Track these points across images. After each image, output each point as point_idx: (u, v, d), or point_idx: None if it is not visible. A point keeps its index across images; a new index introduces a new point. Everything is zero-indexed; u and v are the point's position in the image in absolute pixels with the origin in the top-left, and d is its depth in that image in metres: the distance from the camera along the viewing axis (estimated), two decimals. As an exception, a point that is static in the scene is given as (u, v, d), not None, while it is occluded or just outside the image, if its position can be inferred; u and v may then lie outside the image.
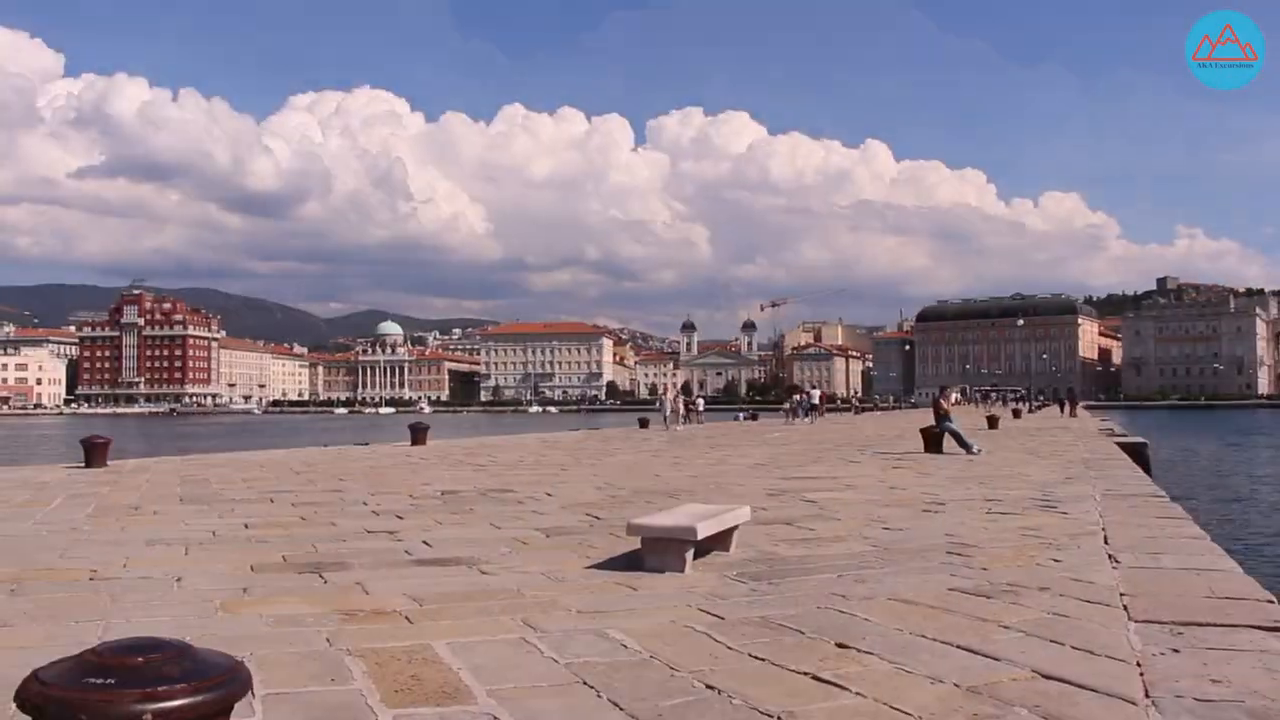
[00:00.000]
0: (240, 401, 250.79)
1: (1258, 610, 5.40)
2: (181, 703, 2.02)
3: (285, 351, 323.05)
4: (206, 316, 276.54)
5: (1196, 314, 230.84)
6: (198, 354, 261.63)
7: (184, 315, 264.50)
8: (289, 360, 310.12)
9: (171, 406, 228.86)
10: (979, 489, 13.24)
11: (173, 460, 21.00)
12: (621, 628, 5.21)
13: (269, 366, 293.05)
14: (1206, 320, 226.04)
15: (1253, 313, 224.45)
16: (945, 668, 4.41)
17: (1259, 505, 31.26)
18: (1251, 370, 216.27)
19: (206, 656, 2.18)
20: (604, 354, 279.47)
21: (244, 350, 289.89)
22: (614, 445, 28.31)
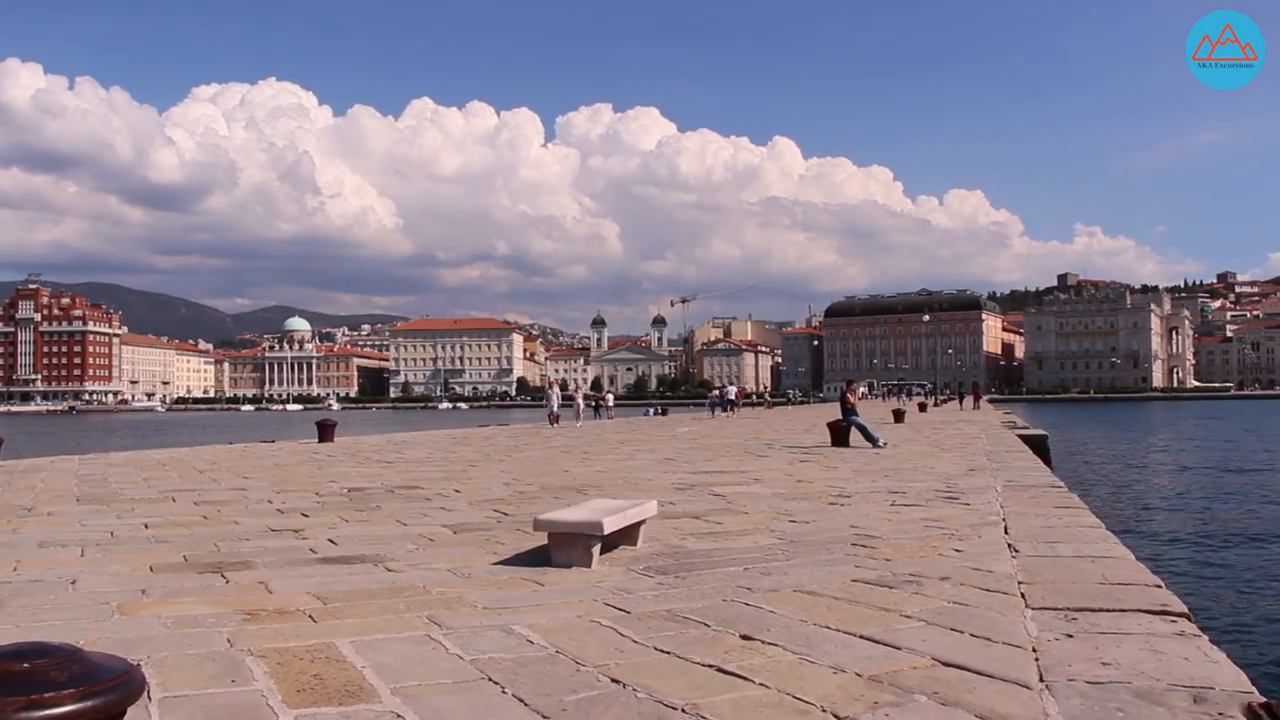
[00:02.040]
0: (143, 399, 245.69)
1: (1146, 595, 5.56)
2: (68, 709, 1.95)
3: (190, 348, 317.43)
4: (107, 312, 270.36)
5: (1095, 310, 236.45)
6: (98, 351, 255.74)
7: (83, 311, 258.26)
8: (194, 357, 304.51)
9: (70, 405, 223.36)
10: (884, 481, 13.43)
11: (70, 459, 20.47)
12: (527, 623, 5.20)
13: (173, 363, 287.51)
14: (1104, 316, 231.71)
15: (1148, 308, 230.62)
16: (848, 657, 4.46)
17: (1151, 494, 32.15)
18: (1147, 364, 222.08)
19: (97, 660, 2.12)
20: (514, 350, 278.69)
21: (147, 347, 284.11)
22: (524, 441, 28.21)
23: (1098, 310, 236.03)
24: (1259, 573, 18.06)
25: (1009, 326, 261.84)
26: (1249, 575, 17.83)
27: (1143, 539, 21.07)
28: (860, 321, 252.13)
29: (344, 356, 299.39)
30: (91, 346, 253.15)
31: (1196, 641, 4.62)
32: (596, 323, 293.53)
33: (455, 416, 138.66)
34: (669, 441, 26.71)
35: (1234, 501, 29.16)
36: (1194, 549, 20.85)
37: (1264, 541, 21.63)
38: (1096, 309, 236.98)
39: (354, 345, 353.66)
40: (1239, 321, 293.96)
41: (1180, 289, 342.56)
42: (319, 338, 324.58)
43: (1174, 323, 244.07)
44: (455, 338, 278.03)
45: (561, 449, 23.72)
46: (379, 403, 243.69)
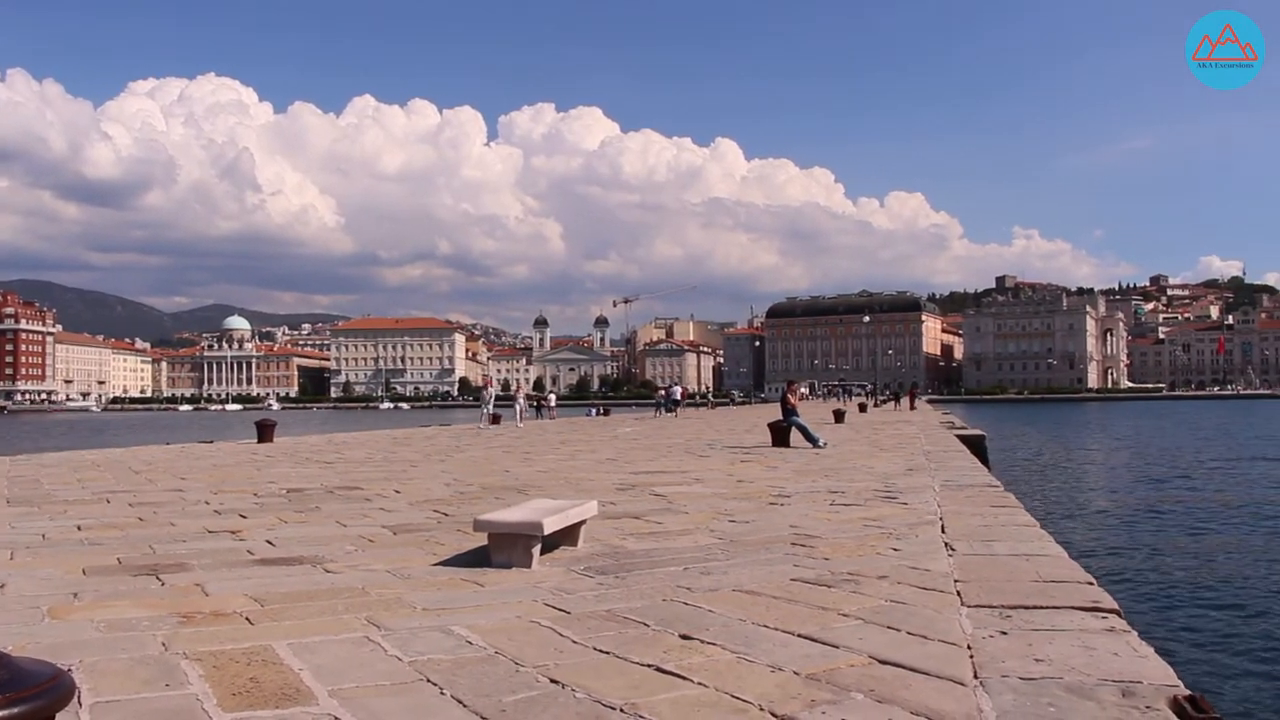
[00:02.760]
0: (78, 399, 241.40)
1: (1078, 592, 5.65)
2: (-7, 716, 1.92)
3: (126, 347, 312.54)
4: (41, 310, 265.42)
5: (1032, 312, 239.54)
6: (31, 349, 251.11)
7: (15, 309, 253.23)
8: (130, 356, 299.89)
9: (1, 405, 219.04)
10: (824, 481, 13.52)
11: (0, 460, 20.12)
12: (467, 624, 5.18)
13: (109, 362, 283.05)
14: (1041, 318, 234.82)
15: (1083, 311, 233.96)
16: (786, 656, 4.49)
17: (1085, 492, 32.66)
18: (1082, 365, 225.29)
19: (25, 665, 2.08)
20: (457, 350, 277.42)
21: (82, 345, 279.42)
22: (465, 441, 28.10)
23: (1035, 312, 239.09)
24: (1187, 569, 18.40)
25: (948, 328, 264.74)
26: (1178, 571, 18.16)
27: (1077, 537, 21.41)
28: (801, 322, 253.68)
29: (284, 356, 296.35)
30: (24, 345, 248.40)
31: (1126, 637, 4.72)
32: (539, 323, 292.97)
33: (397, 417, 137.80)
34: (610, 442, 26.72)
35: (1164, 500, 29.67)
36: (1125, 546, 21.21)
37: (1192, 539, 22.05)
38: (1034, 311, 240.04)
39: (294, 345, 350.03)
40: (1170, 324, 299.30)
41: (1115, 292, 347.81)
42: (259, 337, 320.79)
43: (1109, 325, 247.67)
44: (397, 337, 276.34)
45: (503, 449, 23.65)
46: (320, 403, 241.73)
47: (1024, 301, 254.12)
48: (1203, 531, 23.12)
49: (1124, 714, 3.66)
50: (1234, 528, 23.65)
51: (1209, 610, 15.22)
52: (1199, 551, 20.41)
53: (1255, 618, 14.68)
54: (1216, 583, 17.24)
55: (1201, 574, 17.97)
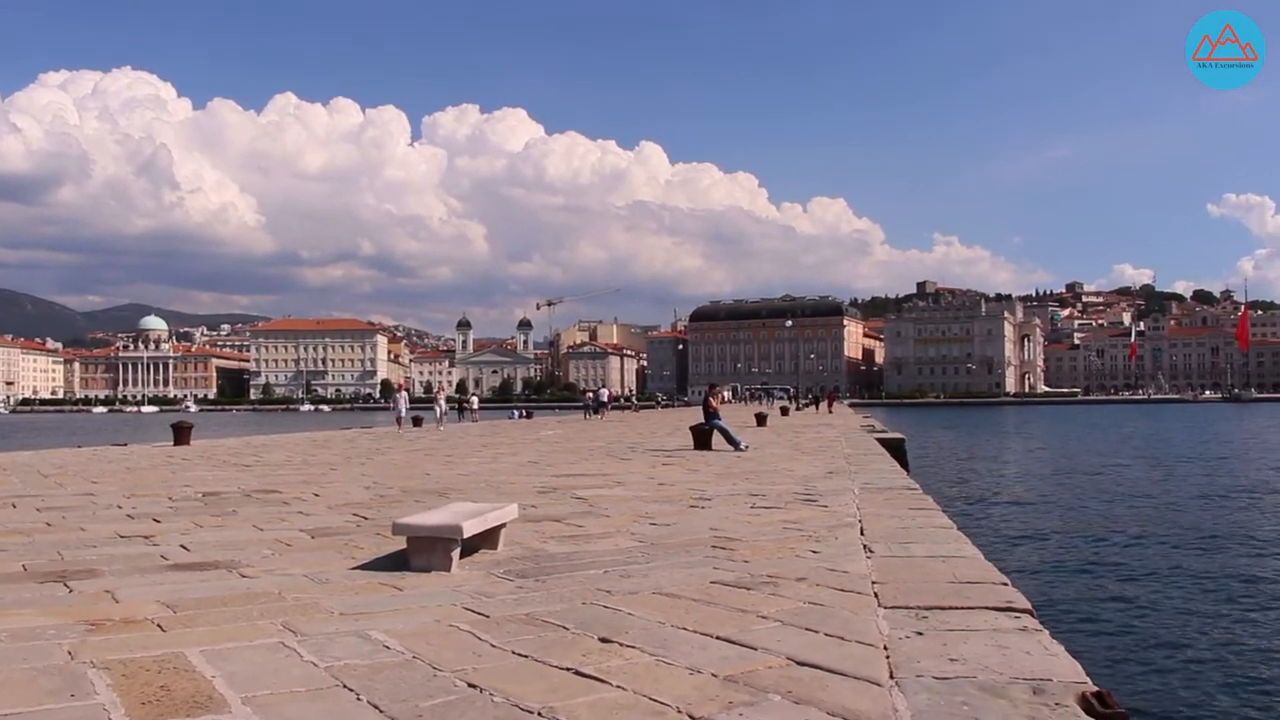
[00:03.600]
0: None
1: (993, 592, 5.74)
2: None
3: (37, 346, 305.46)
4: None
5: (952, 317, 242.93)
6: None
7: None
8: (41, 356, 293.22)
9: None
10: (745, 484, 13.58)
11: (-96, 464, 19.57)
12: (385, 629, 5.13)
13: (18, 362, 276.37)
14: (961, 323, 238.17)
15: (1001, 316, 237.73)
16: (704, 658, 4.50)
17: (1001, 494, 33.19)
18: (1000, 370, 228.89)
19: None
20: (379, 351, 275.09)
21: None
22: (386, 444, 27.87)
23: (954, 318, 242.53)
24: (1098, 568, 18.80)
25: (869, 332, 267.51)
26: (1090, 570, 18.54)
27: (993, 538, 21.75)
28: (725, 326, 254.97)
29: (202, 357, 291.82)
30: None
31: (1038, 636, 4.79)
32: (462, 325, 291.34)
33: (317, 419, 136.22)
34: (533, 444, 26.64)
35: (1077, 501, 30.26)
36: (1040, 546, 21.60)
37: (1103, 539, 22.50)
38: (953, 316, 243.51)
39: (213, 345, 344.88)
40: (1085, 330, 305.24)
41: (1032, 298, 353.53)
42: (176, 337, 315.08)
43: (1026, 330, 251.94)
44: (318, 339, 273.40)
45: (424, 452, 23.49)
46: (239, 405, 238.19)
47: (944, 307, 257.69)
48: (1113, 531, 23.61)
49: (1035, 711, 3.73)
50: (1141, 528, 24.18)
51: (1118, 607, 15.56)
52: (1109, 551, 20.84)
53: (1159, 614, 15.05)
54: (1125, 581, 17.62)
55: (1111, 573, 18.35)
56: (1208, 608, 15.56)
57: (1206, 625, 14.41)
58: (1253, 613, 15.20)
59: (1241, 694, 11.32)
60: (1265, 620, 14.75)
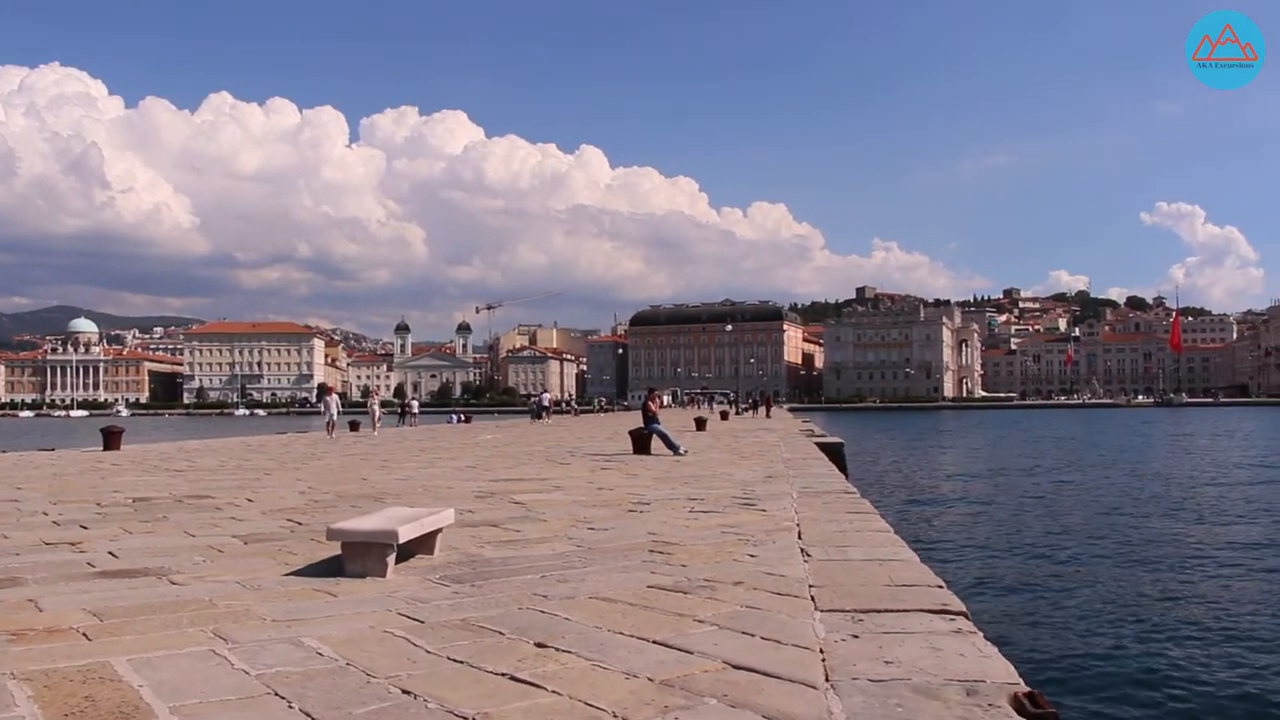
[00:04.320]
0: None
1: (928, 595, 5.79)
2: None
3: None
4: None
5: (891, 322, 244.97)
6: None
7: None
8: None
9: None
10: (683, 489, 13.60)
11: None
12: (318, 635, 5.07)
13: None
14: (899, 328, 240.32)
15: (939, 322, 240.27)
16: (641, 663, 4.50)
17: (938, 497, 33.52)
18: (938, 375, 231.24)
19: None
20: (315, 355, 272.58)
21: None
22: (321, 449, 27.61)
23: (893, 323, 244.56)
24: (1033, 569, 19.03)
25: (809, 337, 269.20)
26: (1023, 572, 18.76)
27: (930, 541, 21.95)
28: (665, 330, 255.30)
29: (134, 360, 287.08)
30: None
31: (972, 638, 4.84)
32: (400, 328, 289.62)
33: (252, 423, 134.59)
34: (471, 449, 26.52)
35: (1012, 504, 30.62)
36: (976, 549, 21.82)
37: (1038, 541, 22.78)
38: (892, 321, 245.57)
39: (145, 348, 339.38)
40: (1022, 335, 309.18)
41: (970, 303, 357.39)
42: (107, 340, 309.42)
43: (964, 335, 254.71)
44: (253, 342, 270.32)
45: (360, 456, 23.29)
46: (172, 409, 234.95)
47: (883, 312, 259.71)
48: (1047, 534, 23.91)
49: (968, 712, 3.77)
50: (1075, 531, 24.50)
51: (1051, 608, 15.77)
52: (1044, 553, 21.10)
53: (1091, 614, 15.27)
54: (1059, 582, 17.85)
55: (1045, 575, 18.58)
56: (1138, 608, 15.80)
57: (1137, 625, 14.63)
58: (1182, 612, 15.45)
59: (1169, 691, 11.50)
60: (1193, 618, 14.99)
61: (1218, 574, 18.67)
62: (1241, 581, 17.97)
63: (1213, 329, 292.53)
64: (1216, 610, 15.68)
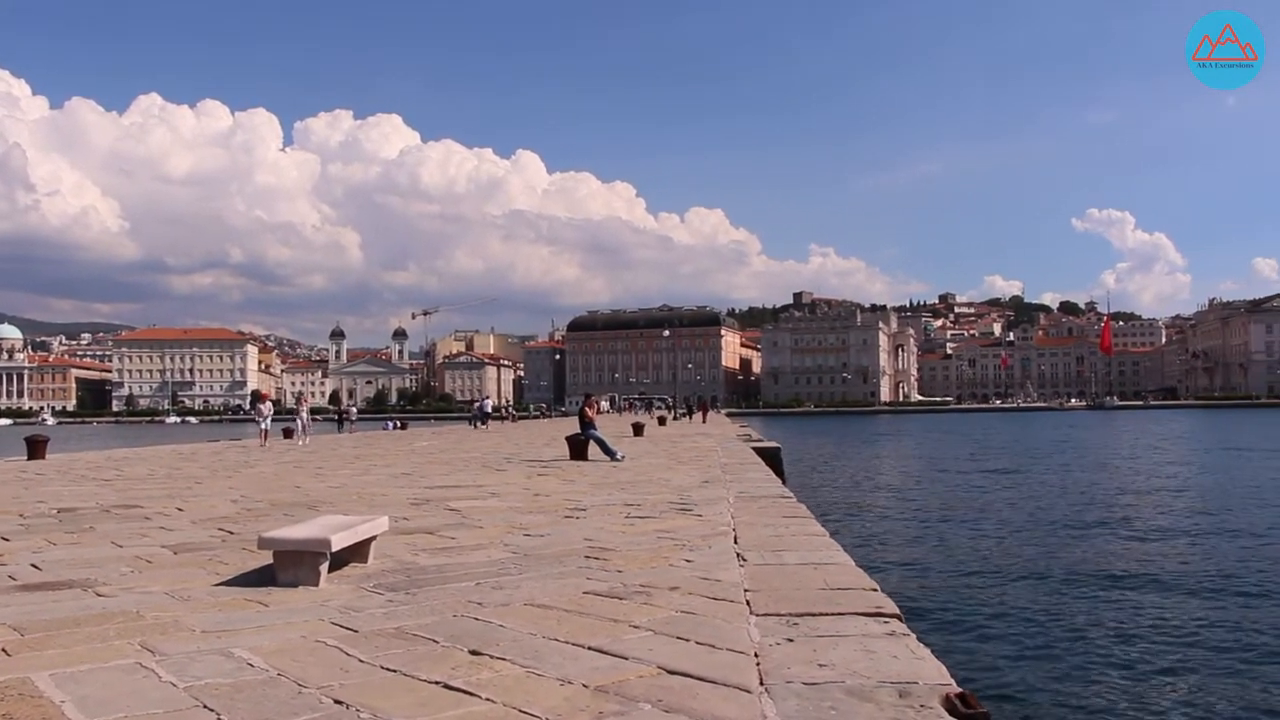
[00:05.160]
0: None
1: (863, 598, 5.83)
2: None
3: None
4: None
5: (828, 327, 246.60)
6: None
7: None
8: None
9: None
10: (620, 494, 13.59)
11: None
12: (249, 646, 5.01)
13: None
14: (837, 333, 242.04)
15: (876, 327, 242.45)
16: (576, 669, 4.49)
17: (873, 501, 33.78)
18: (875, 379, 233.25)
19: None
20: (249, 361, 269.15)
21: None
22: (255, 456, 27.27)
23: (830, 328, 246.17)
24: (965, 571, 19.23)
25: (747, 342, 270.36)
26: (957, 574, 18.96)
27: (865, 544, 22.11)
28: (602, 336, 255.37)
29: (61, 367, 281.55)
30: None
31: (905, 640, 4.89)
32: (335, 334, 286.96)
33: (184, 431, 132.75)
34: (407, 456, 26.33)
35: (947, 507, 30.93)
36: (910, 551, 22.02)
37: (970, 542, 23.05)
38: (829, 326, 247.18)
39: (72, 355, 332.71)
40: (957, 340, 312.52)
41: (906, 308, 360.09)
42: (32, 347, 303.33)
43: (900, 340, 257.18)
44: (185, 348, 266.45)
45: (294, 464, 23.04)
46: (100, 417, 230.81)
47: (820, 317, 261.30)
48: (981, 535, 24.18)
49: (900, 713, 3.80)
50: (1008, 532, 24.81)
51: (985, 609, 15.94)
52: (977, 554, 21.34)
53: (1023, 615, 15.46)
54: (992, 584, 18.05)
55: (979, 576, 18.79)
56: (1070, 608, 16.02)
57: (1068, 624, 14.84)
58: (1113, 612, 15.69)
59: (1099, 690, 11.66)
60: (1124, 618, 15.23)
61: (1148, 572, 18.99)
62: (1172, 580, 18.28)
63: (1142, 333, 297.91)
64: (1146, 608, 15.95)
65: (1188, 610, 15.86)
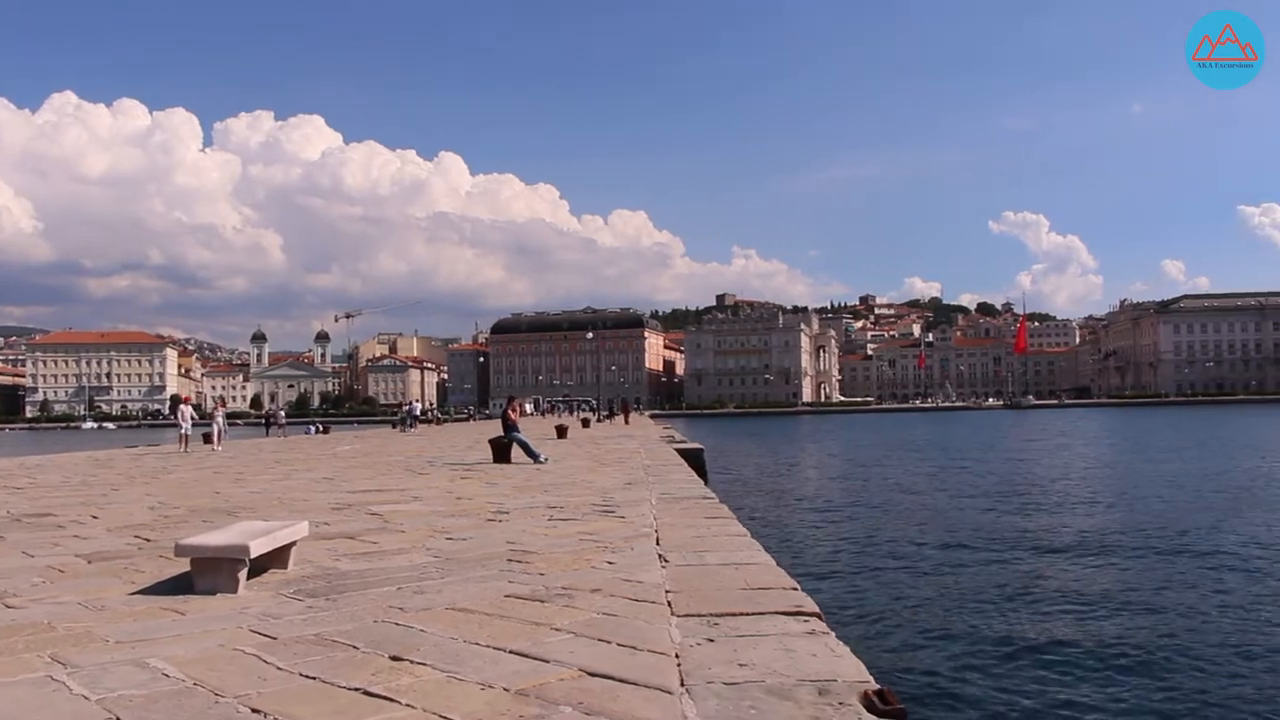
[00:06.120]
0: None
1: (783, 597, 5.89)
2: None
3: None
4: None
5: (750, 329, 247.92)
6: None
7: None
8: None
9: None
10: (543, 497, 13.58)
11: None
12: (164, 655, 4.94)
13: None
14: (759, 335, 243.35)
15: (798, 328, 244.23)
16: (496, 673, 4.49)
17: (794, 501, 34.06)
18: (797, 380, 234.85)
19: None
20: (168, 365, 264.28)
21: None
22: (174, 462, 26.83)
23: (753, 329, 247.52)
24: (884, 569, 19.46)
25: (670, 344, 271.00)
26: (877, 571, 19.18)
27: (786, 544, 22.28)
28: (526, 338, 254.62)
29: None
30: None
31: (825, 639, 4.96)
32: (257, 338, 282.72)
33: (101, 437, 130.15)
34: (329, 460, 26.07)
35: (866, 505, 31.28)
36: (831, 550, 22.24)
37: (890, 540, 23.32)
38: (752, 328, 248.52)
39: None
40: (878, 341, 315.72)
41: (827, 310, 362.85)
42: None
43: (821, 341, 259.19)
44: (102, 352, 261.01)
45: (213, 470, 22.70)
46: (13, 423, 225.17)
47: (743, 319, 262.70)
48: (900, 534, 24.47)
49: (819, 711, 3.85)
50: (926, 530, 25.12)
51: (903, 606, 16.16)
52: (897, 552, 21.59)
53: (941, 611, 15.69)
54: (910, 580, 18.29)
55: (898, 573, 19.02)
56: (987, 603, 16.27)
57: (985, 620, 15.06)
58: (1030, 608, 15.96)
59: (1016, 685, 11.86)
60: (1040, 612, 15.51)
61: (1064, 566, 19.36)
62: (1086, 571, 18.65)
63: (1057, 334, 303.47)
64: (1062, 602, 16.25)
65: (1104, 600, 16.20)
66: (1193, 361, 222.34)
